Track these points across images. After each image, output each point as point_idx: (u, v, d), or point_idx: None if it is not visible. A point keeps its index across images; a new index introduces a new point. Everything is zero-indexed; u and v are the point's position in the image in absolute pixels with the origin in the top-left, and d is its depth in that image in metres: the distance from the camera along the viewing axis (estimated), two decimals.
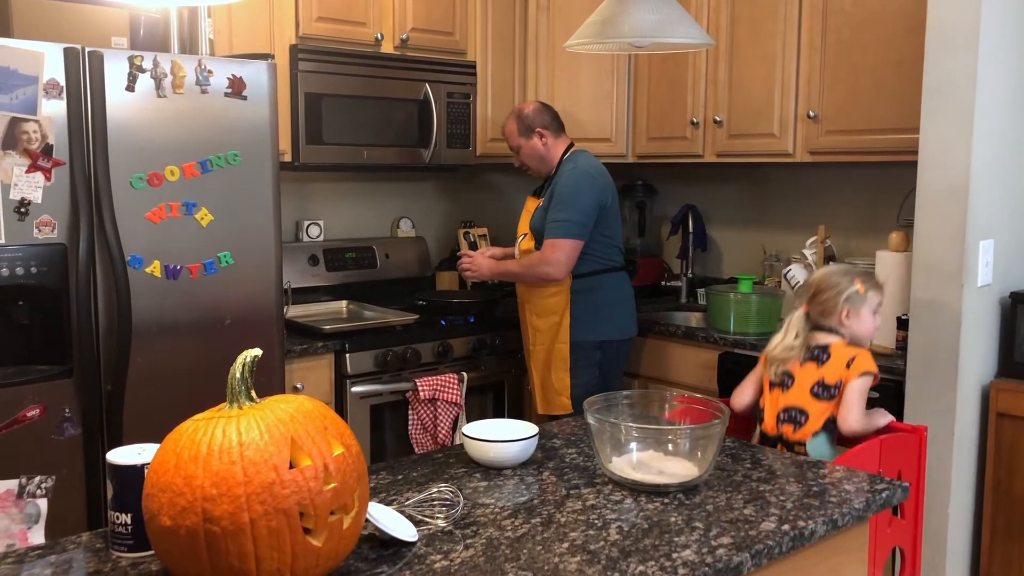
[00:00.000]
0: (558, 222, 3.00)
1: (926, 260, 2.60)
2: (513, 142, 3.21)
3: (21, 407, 2.27)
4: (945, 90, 2.53)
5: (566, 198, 3.01)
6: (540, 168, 3.20)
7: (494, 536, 1.42)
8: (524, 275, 3.11)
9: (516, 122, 3.19)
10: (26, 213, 2.24)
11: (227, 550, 1.13)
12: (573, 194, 3.01)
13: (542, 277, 3.04)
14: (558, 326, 3.08)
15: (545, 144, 3.16)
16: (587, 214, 3.01)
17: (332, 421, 1.26)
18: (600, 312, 3.09)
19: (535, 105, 3.21)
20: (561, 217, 2.99)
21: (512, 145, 3.22)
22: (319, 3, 3.16)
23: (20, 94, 2.20)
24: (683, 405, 1.84)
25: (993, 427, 2.65)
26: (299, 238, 3.59)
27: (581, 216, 3.00)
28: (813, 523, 1.48)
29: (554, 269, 3.00)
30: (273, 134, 2.64)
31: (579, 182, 3.02)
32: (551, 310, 3.09)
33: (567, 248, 2.99)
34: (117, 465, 1.35)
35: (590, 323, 3.08)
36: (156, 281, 2.46)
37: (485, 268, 3.20)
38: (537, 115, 3.17)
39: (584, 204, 3.00)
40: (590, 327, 3.08)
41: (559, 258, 2.99)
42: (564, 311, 3.07)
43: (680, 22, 2.22)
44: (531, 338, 3.16)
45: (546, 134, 3.15)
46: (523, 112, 3.19)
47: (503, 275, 3.20)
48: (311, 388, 2.96)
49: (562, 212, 3.00)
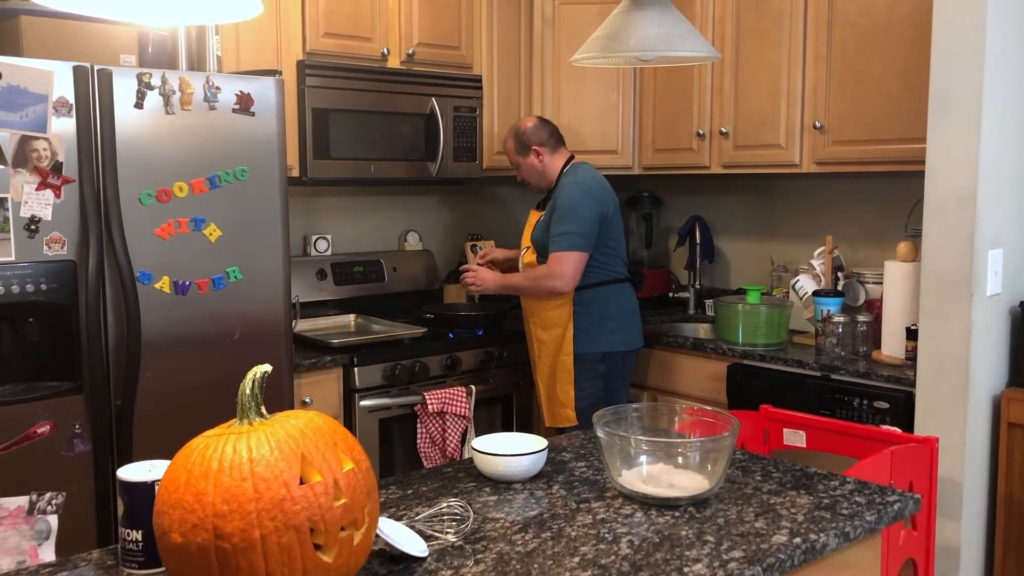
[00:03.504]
0: (561, 235, 3.01)
1: (935, 270, 2.60)
2: (512, 159, 3.27)
3: (31, 423, 2.27)
4: (951, 99, 2.53)
5: (567, 211, 3.03)
6: (539, 183, 3.24)
7: (504, 551, 1.42)
8: (530, 288, 3.12)
9: (513, 140, 3.24)
10: (36, 230, 2.26)
11: (238, 567, 1.13)
12: (573, 207, 3.03)
13: (549, 290, 3.05)
14: (562, 338, 3.09)
15: (542, 161, 3.19)
16: (589, 226, 3.03)
17: (342, 437, 1.26)
18: (603, 324, 3.10)
19: (533, 122, 3.23)
20: (564, 230, 3.01)
21: (511, 162, 3.28)
22: (326, 19, 3.18)
23: (30, 112, 2.22)
24: (693, 417, 1.83)
25: (1004, 437, 2.64)
26: (307, 252, 3.60)
27: (583, 228, 3.02)
28: (825, 536, 1.47)
29: (561, 282, 3.01)
30: (281, 149, 2.66)
31: (579, 195, 3.04)
32: (555, 322, 3.10)
33: (573, 261, 3.01)
34: (128, 482, 1.35)
35: (593, 335, 3.09)
36: (165, 297, 2.47)
37: (490, 282, 3.20)
38: (534, 132, 3.20)
39: (585, 216, 3.02)
40: (593, 339, 3.09)
41: (565, 271, 3.00)
42: (568, 323, 3.09)
43: (686, 36, 2.23)
44: (536, 350, 3.18)
45: (542, 151, 3.18)
46: (520, 130, 3.22)
47: (508, 288, 3.20)
48: (320, 402, 2.96)
49: (564, 225, 3.02)
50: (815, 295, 3.20)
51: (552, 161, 3.19)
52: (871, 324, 3.03)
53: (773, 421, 2.42)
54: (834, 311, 3.12)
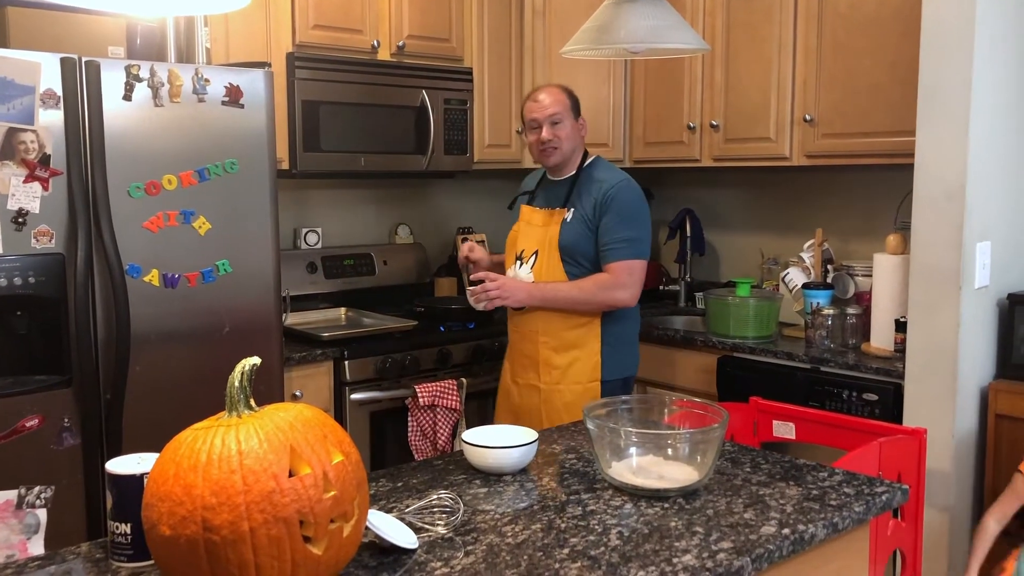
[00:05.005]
0: (631, 241, 2.62)
1: (924, 263, 2.61)
2: (557, 111, 2.68)
3: (20, 417, 2.26)
4: (940, 93, 2.53)
5: (633, 214, 2.64)
6: (563, 160, 2.73)
7: (494, 543, 1.42)
8: (585, 301, 2.63)
9: (567, 95, 2.73)
10: (24, 223, 2.24)
11: (227, 559, 1.13)
12: (638, 210, 2.66)
13: (612, 304, 2.63)
14: (582, 363, 2.68)
15: (582, 135, 2.76)
16: (650, 233, 2.72)
17: (331, 429, 1.26)
18: (630, 346, 2.77)
19: None
20: (632, 235, 2.62)
21: (554, 113, 2.67)
22: (315, 11, 3.17)
23: (17, 104, 2.20)
24: (682, 409, 1.84)
25: (992, 428, 2.66)
26: (297, 246, 3.59)
27: (648, 235, 2.69)
28: (813, 527, 1.48)
29: (629, 294, 2.63)
30: (270, 142, 2.65)
31: (638, 196, 2.68)
32: (575, 343, 2.68)
33: (641, 271, 2.65)
34: (116, 475, 1.35)
35: (621, 358, 2.73)
36: (154, 290, 2.46)
37: (522, 292, 2.66)
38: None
39: (647, 222, 2.69)
40: (622, 362, 2.73)
41: (635, 282, 2.63)
42: (592, 345, 2.68)
43: (675, 28, 2.23)
44: (543, 375, 2.71)
45: (585, 126, 2.78)
46: (571, 91, 2.76)
47: (549, 300, 2.66)
48: (310, 396, 2.96)
49: (632, 229, 2.62)
50: (805, 288, 3.21)
51: (582, 143, 2.78)
52: (860, 316, 3.04)
53: (763, 413, 2.43)
54: (823, 304, 3.13)
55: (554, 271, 2.68)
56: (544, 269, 2.70)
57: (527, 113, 2.73)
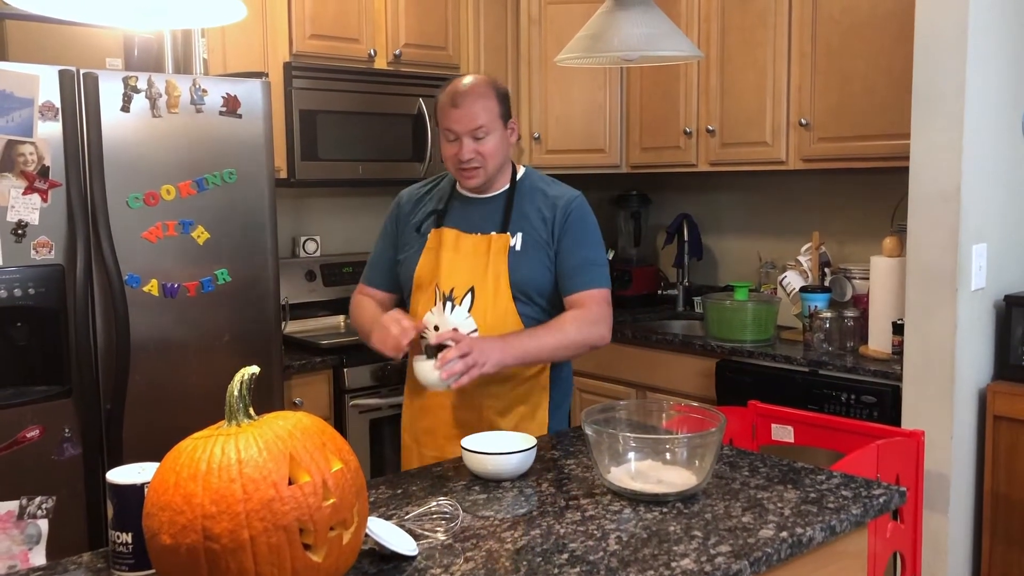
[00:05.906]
0: (600, 266, 2.13)
1: (920, 265, 2.62)
2: (482, 124, 2.03)
3: (21, 428, 2.27)
4: (934, 96, 2.55)
5: (596, 234, 2.15)
6: (491, 176, 2.11)
7: (494, 548, 1.43)
8: (566, 347, 2.05)
9: (495, 94, 2.09)
10: (23, 235, 2.25)
11: (228, 567, 1.13)
12: (597, 230, 2.16)
13: (595, 345, 2.07)
14: (527, 421, 2.12)
15: (512, 142, 2.16)
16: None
17: (330, 437, 1.27)
18: (569, 384, 2.27)
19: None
20: (600, 259, 2.13)
21: (477, 128, 2.03)
22: (312, 20, 3.18)
23: (16, 117, 2.22)
24: (680, 414, 1.85)
25: (991, 430, 2.66)
26: (296, 254, 3.60)
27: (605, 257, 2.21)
28: (811, 530, 1.49)
29: (608, 330, 2.09)
30: (268, 151, 2.66)
31: (591, 213, 2.17)
32: (522, 399, 2.13)
33: (609, 301, 2.12)
34: (117, 484, 1.36)
35: (562, 409, 2.22)
36: (154, 300, 2.47)
37: (496, 352, 1.92)
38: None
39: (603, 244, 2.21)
40: (562, 414, 2.22)
41: (610, 314, 2.10)
42: (537, 397, 2.14)
43: (669, 35, 2.24)
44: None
45: (516, 130, 2.18)
46: (501, 86, 2.13)
47: (531, 356, 2.02)
48: (310, 403, 2.97)
49: (598, 252, 2.14)
50: (802, 291, 3.22)
51: (510, 152, 2.19)
52: (858, 319, 3.05)
53: (761, 417, 2.43)
54: (821, 307, 3.14)
55: (503, 313, 2.06)
56: (489, 311, 2.06)
57: (442, 119, 2.07)
